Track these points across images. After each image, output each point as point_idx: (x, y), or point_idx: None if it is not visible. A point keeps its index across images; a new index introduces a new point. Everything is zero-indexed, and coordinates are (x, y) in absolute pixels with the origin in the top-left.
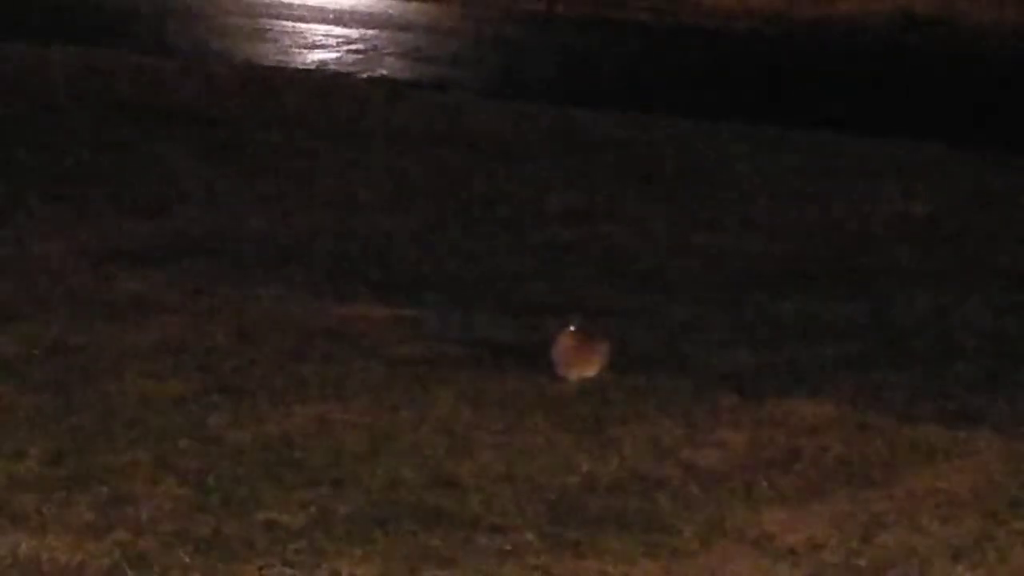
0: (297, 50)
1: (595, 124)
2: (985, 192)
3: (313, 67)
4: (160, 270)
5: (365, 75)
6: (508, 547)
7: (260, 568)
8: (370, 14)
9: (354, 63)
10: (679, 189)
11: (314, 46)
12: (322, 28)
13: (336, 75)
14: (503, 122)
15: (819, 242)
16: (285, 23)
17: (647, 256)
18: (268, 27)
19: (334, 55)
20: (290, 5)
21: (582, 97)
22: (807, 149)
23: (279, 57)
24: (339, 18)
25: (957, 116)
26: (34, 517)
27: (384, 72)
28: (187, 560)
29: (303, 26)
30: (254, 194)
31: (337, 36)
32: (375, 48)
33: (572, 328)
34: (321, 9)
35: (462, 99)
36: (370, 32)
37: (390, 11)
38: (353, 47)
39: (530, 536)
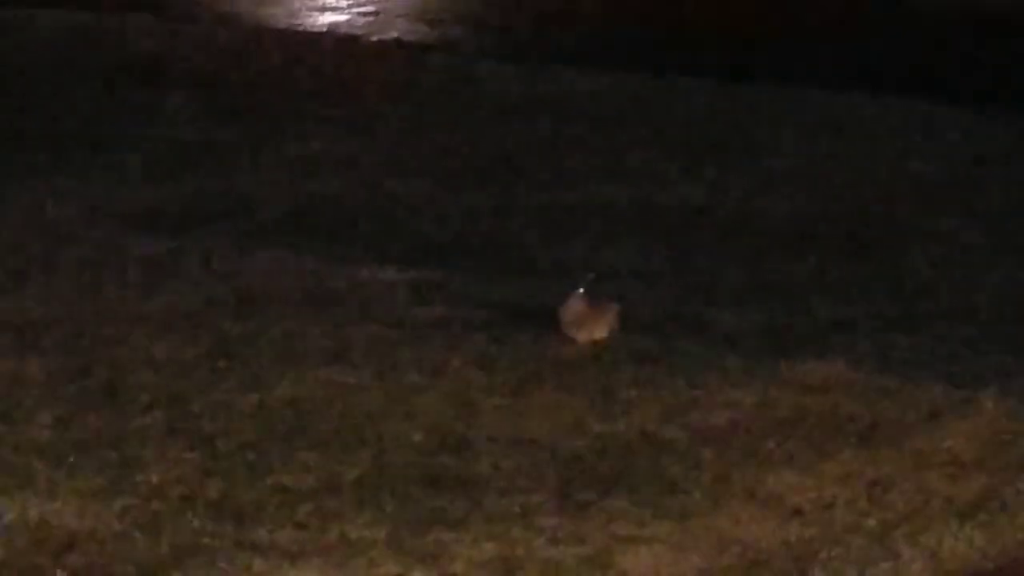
0: (307, 13)
1: (608, 84)
2: (991, 150)
3: (324, 30)
4: (170, 236)
5: (376, 38)
6: (517, 509)
7: (270, 531)
8: None
9: (365, 26)
10: (692, 150)
11: (324, 9)
12: None
13: (347, 38)
14: (513, 84)
15: (830, 202)
16: None
17: (659, 217)
18: None
19: (345, 18)
20: None
21: (594, 58)
22: (814, 109)
23: (289, 20)
24: None
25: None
26: (44, 482)
27: (395, 34)
28: (196, 524)
29: None
30: (264, 160)
31: None
32: (386, 10)
33: (582, 290)
34: None
35: (473, 61)
36: None
37: None
38: (364, 10)
39: (539, 498)
